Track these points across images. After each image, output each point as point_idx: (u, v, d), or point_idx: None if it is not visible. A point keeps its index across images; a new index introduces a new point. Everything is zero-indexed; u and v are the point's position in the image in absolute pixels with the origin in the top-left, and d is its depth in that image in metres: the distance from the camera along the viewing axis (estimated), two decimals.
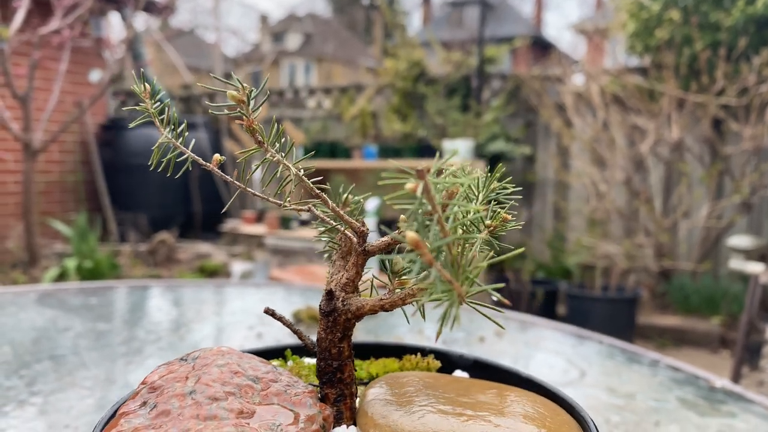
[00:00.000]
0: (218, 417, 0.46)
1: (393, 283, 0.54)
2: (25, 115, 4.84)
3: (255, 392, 0.51)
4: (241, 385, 0.51)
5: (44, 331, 1.38)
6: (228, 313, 1.64)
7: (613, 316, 4.78)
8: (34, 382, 1.08)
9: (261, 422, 0.47)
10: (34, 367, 1.15)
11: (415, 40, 6.97)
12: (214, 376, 0.51)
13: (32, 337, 1.34)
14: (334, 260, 0.58)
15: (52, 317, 1.50)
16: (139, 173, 7.07)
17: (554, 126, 5.71)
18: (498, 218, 0.55)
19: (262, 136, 0.51)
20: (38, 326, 1.42)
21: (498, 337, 1.45)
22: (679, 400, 1.10)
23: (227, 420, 0.46)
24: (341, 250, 0.59)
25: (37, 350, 1.25)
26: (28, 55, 5.36)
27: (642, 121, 5.11)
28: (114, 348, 1.29)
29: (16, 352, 1.24)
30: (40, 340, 1.32)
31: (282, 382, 0.54)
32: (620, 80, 5.30)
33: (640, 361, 1.32)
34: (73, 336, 1.35)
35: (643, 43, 5.22)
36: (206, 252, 5.99)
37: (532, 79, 6.01)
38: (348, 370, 0.60)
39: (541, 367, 1.29)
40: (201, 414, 0.46)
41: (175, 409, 0.46)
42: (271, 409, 0.50)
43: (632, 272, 5.29)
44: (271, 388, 0.53)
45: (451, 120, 6.27)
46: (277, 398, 0.51)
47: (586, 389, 1.17)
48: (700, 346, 4.82)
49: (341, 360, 0.58)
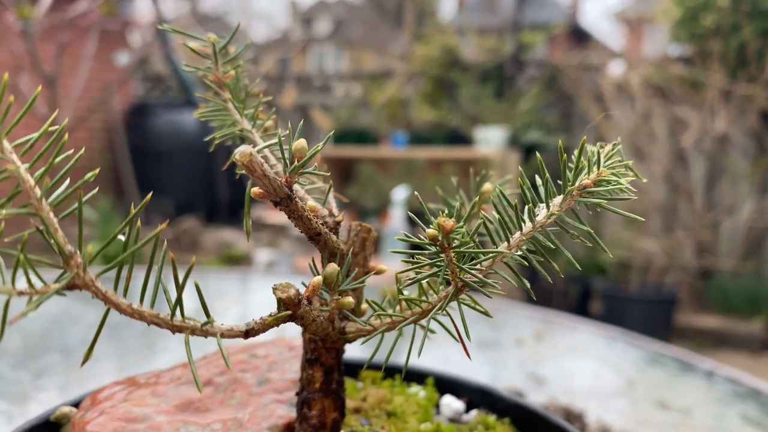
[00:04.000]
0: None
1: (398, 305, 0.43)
2: (52, 98, 4.84)
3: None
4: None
5: (56, 321, 1.32)
6: (252, 304, 1.57)
7: (650, 316, 4.67)
8: (42, 375, 1.01)
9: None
10: (43, 359, 1.09)
11: (448, 26, 6.84)
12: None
13: (43, 327, 1.28)
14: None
15: (66, 305, 1.44)
16: (165, 158, 7.08)
17: (592, 116, 5.55)
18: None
19: (232, 93, 0.41)
20: (51, 315, 1.36)
21: (537, 340, 1.34)
22: (742, 417, 0.99)
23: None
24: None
25: (48, 341, 1.19)
26: (55, 38, 5.36)
27: (684, 112, 4.94)
28: (127, 341, 1.22)
29: (25, 343, 1.18)
30: (51, 330, 1.26)
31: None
32: (662, 70, 5.12)
33: (694, 370, 1.21)
34: (86, 326, 1.28)
35: (688, 31, 5.03)
36: (231, 239, 5.97)
37: (570, 67, 5.84)
38: (317, 408, 0.45)
39: (586, 376, 1.18)
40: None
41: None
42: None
43: (670, 270, 5.14)
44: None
45: (484, 107, 6.14)
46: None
47: (637, 403, 1.07)
48: (740, 348, 4.65)
49: (309, 392, 0.45)
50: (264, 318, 0.37)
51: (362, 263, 0.42)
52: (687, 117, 4.94)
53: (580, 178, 0.35)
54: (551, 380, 1.11)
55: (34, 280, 0.33)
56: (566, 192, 0.35)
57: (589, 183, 0.35)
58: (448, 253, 0.33)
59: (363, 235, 0.43)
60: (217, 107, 0.44)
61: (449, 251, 0.33)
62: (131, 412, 0.48)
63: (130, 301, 0.37)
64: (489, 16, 13.26)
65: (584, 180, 0.35)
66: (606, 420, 0.91)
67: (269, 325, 0.37)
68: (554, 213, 0.36)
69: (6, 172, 0.33)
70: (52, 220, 0.34)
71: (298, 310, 0.37)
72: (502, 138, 5.42)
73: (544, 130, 5.86)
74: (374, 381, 0.64)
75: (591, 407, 0.96)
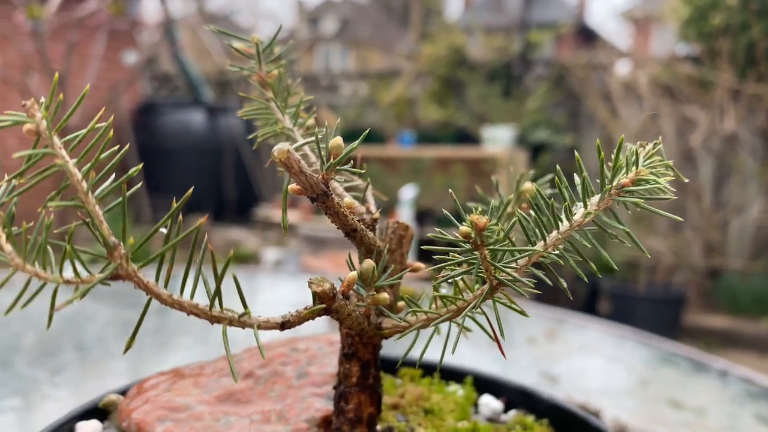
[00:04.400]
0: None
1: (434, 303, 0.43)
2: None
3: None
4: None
5: (71, 319, 1.32)
6: (261, 303, 1.58)
7: (658, 315, 4.64)
8: (58, 372, 1.02)
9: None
10: (59, 356, 1.09)
11: (455, 25, 6.83)
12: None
13: (58, 324, 1.29)
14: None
15: (80, 303, 1.45)
16: (173, 157, 7.10)
17: (599, 115, 5.54)
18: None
19: (275, 92, 0.42)
20: (65, 313, 1.37)
21: (549, 339, 1.34)
22: (756, 417, 0.99)
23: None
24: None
25: (63, 339, 1.20)
26: (64, 37, 5.38)
27: (693, 112, 4.92)
28: (141, 339, 1.22)
29: (41, 340, 1.18)
30: (66, 328, 1.27)
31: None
32: (670, 69, 5.10)
33: (707, 370, 1.21)
34: (101, 324, 1.29)
35: (696, 30, 5.00)
36: (238, 238, 5.98)
37: (577, 66, 5.82)
38: (354, 402, 0.45)
39: (599, 374, 1.18)
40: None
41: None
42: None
43: (678, 269, 5.12)
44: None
45: (492, 106, 6.13)
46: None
47: (649, 402, 1.07)
48: (748, 348, 4.63)
49: (346, 386, 0.45)
50: (299, 311, 0.38)
51: (399, 260, 0.42)
52: (695, 116, 4.92)
53: (619, 176, 0.35)
54: (564, 379, 1.11)
55: (80, 270, 0.34)
56: (604, 191, 0.35)
57: (627, 182, 0.35)
58: (481, 251, 0.34)
59: (400, 233, 0.43)
60: (260, 106, 0.45)
61: (483, 248, 0.33)
62: (174, 401, 0.50)
63: (171, 292, 0.38)
64: (496, 15, 13.24)
65: (622, 179, 0.35)
66: (621, 418, 0.91)
67: (305, 318, 0.38)
68: (591, 212, 0.36)
69: (55, 167, 0.34)
70: (98, 213, 0.35)
71: (333, 304, 0.37)
72: (510, 137, 5.41)
73: (551, 130, 5.85)
74: (413, 378, 0.64)
75: (604, 406, 0.96)
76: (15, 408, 0.88)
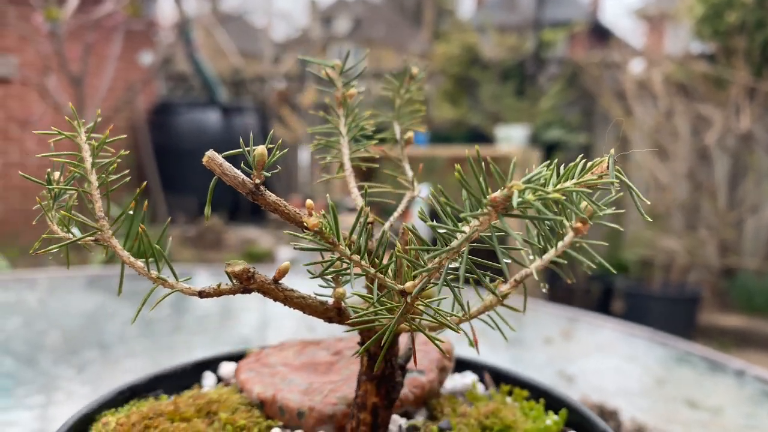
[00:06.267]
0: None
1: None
2: (79, 98, 4.92)
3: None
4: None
5: (93, 317, 1.35)
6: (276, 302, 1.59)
7: (673, 315, 4.61)
8: (83, 370, 1.04)
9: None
10: (83, 354, 1.12)
11: (468, 24, 6.82)
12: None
13: (81, 322, 1.31)
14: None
15: (101, 302, 1.47)
16: (188, 156, 7.14)
17: (613, 114, 5.50)
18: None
19: (347, 112, 0.54)
20: (87, 311, 1.39)
21: (565, 338, 1.35)
22: None
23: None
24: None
25: (86, 337, 1.22)
26: (81, 38, 5.44)
27: (708, 110, 4.87)
28: (161, 338, 1.24)
29: (65, 338, 1.21)
30: (88, 326, 1.29)
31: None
32: (685, 67, 5.06)
33: (724, 370, 1.21)
34: (121, 323, 1.32)
35: (711, 28, 4.96)
36: (253, 237, 6.02)
37: (591, 65, 5.79)
38: (362, 389, 0.49)
39: (615, 374, 1.18)
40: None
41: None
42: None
43: (693, 269, 5.08)
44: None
45: (505, 106, 6.11)
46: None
47: (665, 401, 1.07)
48: (763, 348, 4.59)
49: (360, 373, 0.49)
50: (220, 285, 0.45)
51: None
52: (710, 115, 4.87)
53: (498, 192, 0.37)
54: (580, 378, 1.11)
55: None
56: (482, 205, 0.37)
57: (497, 197, 0.36)
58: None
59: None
60: (330, 124, 0.54)
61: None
62: (266, 360, 0.65)
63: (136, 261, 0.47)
64: (509, 14, 13.20)
65: (496, 194, 0.36)
66: (638, 418, 0.91)
67: (221, 292, 0.44)
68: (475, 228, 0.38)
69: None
70: (96, 195, 0.50)
71: (250, 284, 0.44)
72: (523, 136, 5.40)
73: (565, 129, 5.82)
74: (516, 398, 0.63)
75: (621, 405, 0.97)
76: (41, 404, 0.90)
